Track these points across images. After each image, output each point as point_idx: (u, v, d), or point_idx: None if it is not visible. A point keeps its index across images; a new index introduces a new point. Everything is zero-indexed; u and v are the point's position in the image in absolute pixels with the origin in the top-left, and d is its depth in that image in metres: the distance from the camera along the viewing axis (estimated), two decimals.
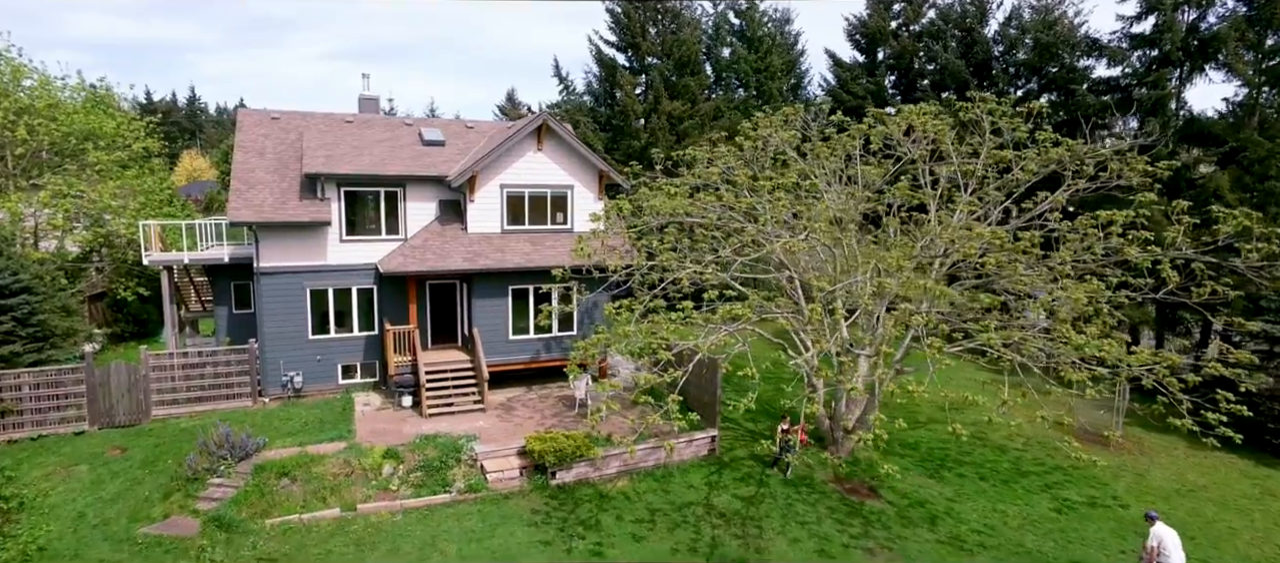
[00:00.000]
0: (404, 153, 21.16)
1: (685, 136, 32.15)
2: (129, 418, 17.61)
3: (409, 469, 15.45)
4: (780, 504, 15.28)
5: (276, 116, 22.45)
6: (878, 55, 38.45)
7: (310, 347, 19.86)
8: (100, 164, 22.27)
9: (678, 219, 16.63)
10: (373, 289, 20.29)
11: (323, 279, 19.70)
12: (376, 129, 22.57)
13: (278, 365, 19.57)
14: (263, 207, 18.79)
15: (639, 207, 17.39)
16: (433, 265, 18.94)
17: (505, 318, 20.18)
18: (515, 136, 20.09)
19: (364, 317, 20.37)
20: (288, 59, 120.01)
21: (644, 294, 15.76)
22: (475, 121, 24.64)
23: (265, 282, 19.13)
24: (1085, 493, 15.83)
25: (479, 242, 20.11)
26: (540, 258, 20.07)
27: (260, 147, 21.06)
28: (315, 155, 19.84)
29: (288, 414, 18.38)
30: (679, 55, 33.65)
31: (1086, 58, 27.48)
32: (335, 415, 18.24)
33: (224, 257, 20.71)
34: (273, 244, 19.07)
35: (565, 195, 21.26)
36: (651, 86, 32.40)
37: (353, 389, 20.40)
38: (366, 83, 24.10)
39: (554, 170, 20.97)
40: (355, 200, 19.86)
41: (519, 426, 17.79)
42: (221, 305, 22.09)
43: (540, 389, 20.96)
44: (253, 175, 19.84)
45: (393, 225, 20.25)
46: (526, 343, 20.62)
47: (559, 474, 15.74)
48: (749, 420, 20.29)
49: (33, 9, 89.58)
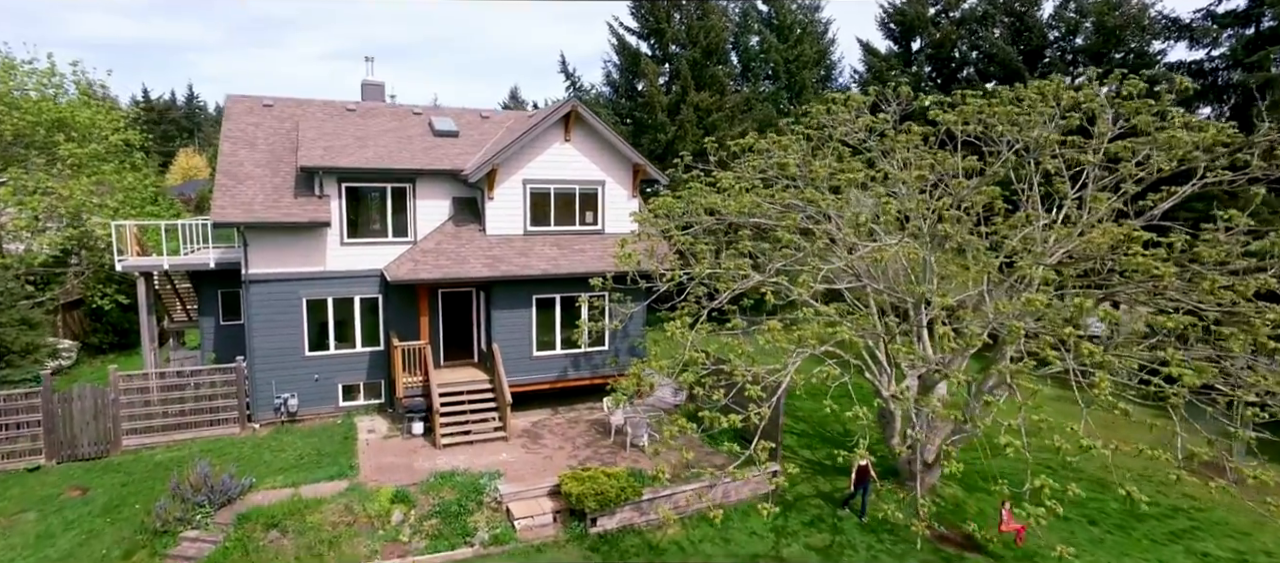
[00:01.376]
0: (413, 145, 18.73)
1: (713, 130, 29.71)
2: (94, 450, 15.18)
3: (422, 515, 13.01)
4: (863, 557, 12.85)
5: (269, 103, 20.02)
6: (913, 45, 36.08)
7: (307, 364, 17.42)
8: (73, 157, 19.85)
9: (742, 219, 14.16)
10: (378, 298, 17.85)
11: (321, 288, 17.27)
12: (382, 118, 20.15)
13: (269, 386, 17.13)
14: (252, 205, 16.36)
15: (691, 204, 14.93)
16: (447, 272, 16.49)
17: (529, 332, 17.72)
18: (540, 126, 17.65)
19: (368, 330, 17.92)
20: (288, 59, 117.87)
21: (693, 305, 13.37)
22: (491, 111, 22.22)
23: (255, 291, 16.69)
24: (1227, 547, 13.32)
25: (499, 245, 17.66)
26: (569, 264, 17.63)
27: (251, 137, 18.63)
28: (313, 146, 17.41)
29: (280, 443, 15.95)
30: (706, 43, 31.22)
31: (1160, 41, 25.00)
32: (335, 445, 15.80)
33: (209, 262, 18.28)
34: (264, 248, 16.64)
35: (595, 192, 18.81)
36: (678, 76, 29.97)
37: (355, 412, 17.95)
38: (370, 67, 21.70)
39: (583, 164, 18.52)
40: (358, 198, 17.43)
41: (548, 458, 15.34)
42: (207, 316, 19.66)
43: (567, 411, 18.52)
44: (241, 169, 17.40)
45: (401, 226, 17.81)
46: (552, 360, 18.17)
47: (600, 521, 13.29)
48: (804, 446, 17.87)
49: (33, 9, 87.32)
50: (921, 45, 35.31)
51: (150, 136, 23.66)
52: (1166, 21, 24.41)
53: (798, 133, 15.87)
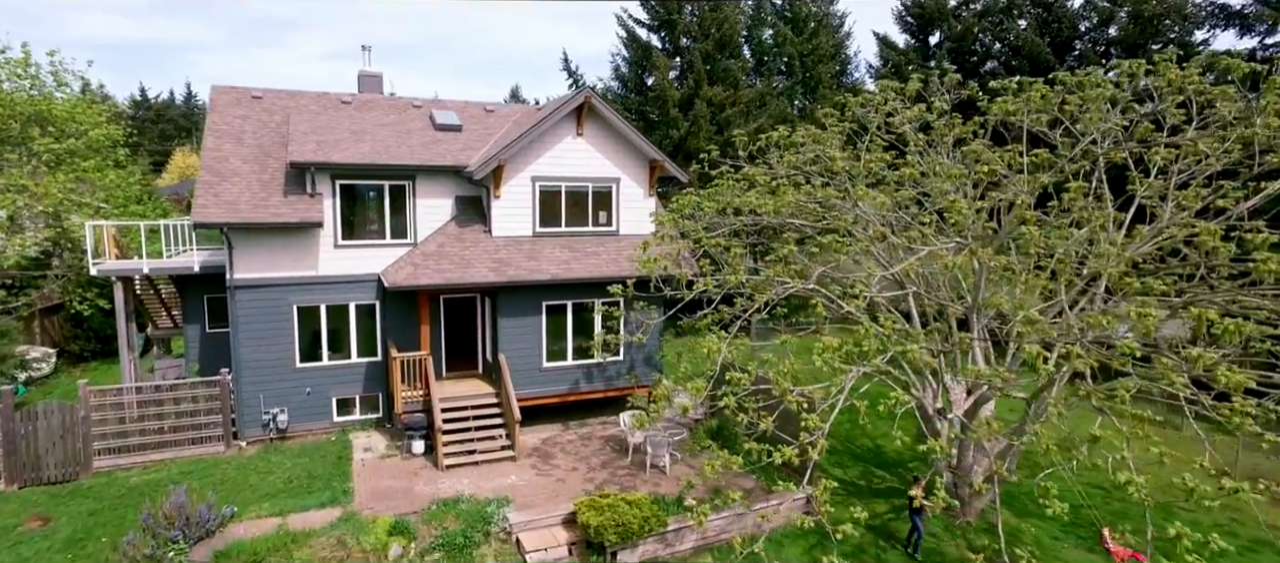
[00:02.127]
0: (413, 139, 17.37)
1: (727, 127, 28.34)
2: (61, 473, 13.81)
3: (423, 549, 11.65)
4: None
5: (258, 95, 18.66)
6: (932, 39, 34.71)
7: (298, 377, 16.06)
8: (49, 153, 18.50)
9: (781, 220, 12.81)
10: (375, 305, 16.49)
11: (313, 294, 15.91)
12: (379, 111, 18.79)
13: (258, 400, 15.77)
14: (237, 204, 15.00)
15: (722, 203, 13.57)
16: (450, 277, 15.13)
17: (538, 341, 16.36)
18: (551, 119, 16.28)
19: (364, 339, 16.56)
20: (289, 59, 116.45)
21: (724, 313, 12.03)
22: (495, 105, 20.86)
23: (242, 298, 15.33)
24: None
25: (507, 247, 16.30)
26: (582, 268, 16.27)
27: (237, 130, 17.26)
28: (304, 141, 16.06)
29: (268, 464, 14.59)
30: (718, 35, 29.82)
31: (1204, 29, 23.60)
32: (328, 466, 14.44)
33: (193, 265, 16.91)
34: (251, 251, 15.28)
35: (609, 190, 17.45)
36: (691, 69, 28.59)
37: (350, 428, 16.58)
38: (367, 57, 20.32)
39: (597, 160, 17.16)
40: (354, 197, 16.08)
41: (561, 481, 13.98)
42: (192, 324, 18.29)
43: (578, 427, 17.16)
44: (226, 165, 16.03)
45: (399, 227, 16.46)
46: (564, 372, 16.80)
47: (621, 555, 11.92)
48: (834, 464, 16.48)
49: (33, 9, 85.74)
50: (940, 39, 33.93)
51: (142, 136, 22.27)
52: (1214, 7, 22.99)
53: (837, 127, 14.48)
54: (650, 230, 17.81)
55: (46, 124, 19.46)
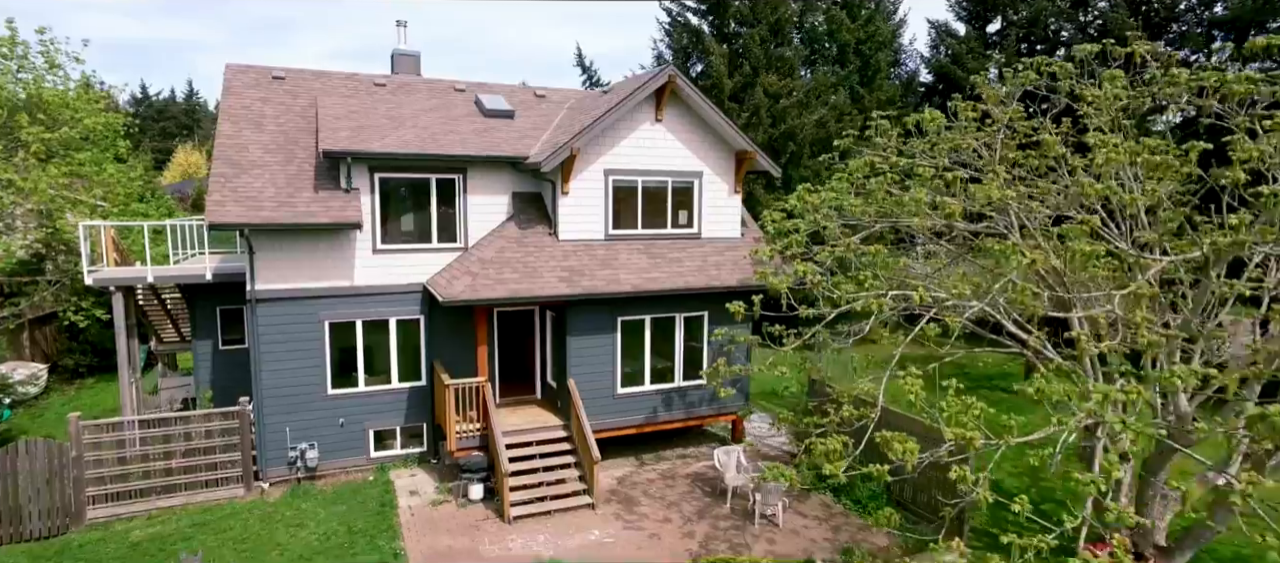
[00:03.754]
0: (460, 126, 14.92)
1: (783, 119, 25.88)
2: (47, 526, 11.35)
3: None
4: None
5: (280, 75, 16.18)
6: (991, 26, 32.31)
7: (329, 405, 13.60)
8: (37, 142, 16.05)
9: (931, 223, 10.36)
10: (419, 320, 14.03)
11: (349, 307, 13.45)
12: (419, 95, 16.34)
13: (283, 433, 13.31)
14: (259, 201, 12.53)
15: (877, 201, 11.11)
16: (517, 290, 12.65)
17: (613, 363, 13.90)
18: (629, 102, 13.78)
19: (406, 360, 14.10)
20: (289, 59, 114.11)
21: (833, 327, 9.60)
22: (547, 88, 18.39)
23: (264, 313, 12.86)
24: None
25: (577, 252, 13.83)
26: (664, 277, 13.82)
27: (257, 115, 14.80)
28: (337, 128, 13.61)
29: (297, 513, 12.13)
30: (772, 20, 27.41)
31: None
32: (369, 518, 11.97)
33: (205, 273, 14.46)
34: (275, 257, 12.82)
35: (691, 186, 14.99)
36: (746, 55, 26.14)
37: (390, 465, 14.12)
38: (402, 33, 17.84)
39: (678, 150, 14.71)
40: (393, 193, 13.64)
41: (654, 536, 11.51)
42: (204, 339, 15.83)
43: (655, 462, 14.71)
44: (245, 156, 13.56)
45: (447, 228, 14.01)
46: (639, 398, 14.34)
47: None
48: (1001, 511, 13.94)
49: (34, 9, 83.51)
50: (1004, 25, 31.47)
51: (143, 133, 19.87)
52: None
53: (973, 115, 12.02)
54: (733, 232, 15.41)
55: (36, 111, 16.99)
